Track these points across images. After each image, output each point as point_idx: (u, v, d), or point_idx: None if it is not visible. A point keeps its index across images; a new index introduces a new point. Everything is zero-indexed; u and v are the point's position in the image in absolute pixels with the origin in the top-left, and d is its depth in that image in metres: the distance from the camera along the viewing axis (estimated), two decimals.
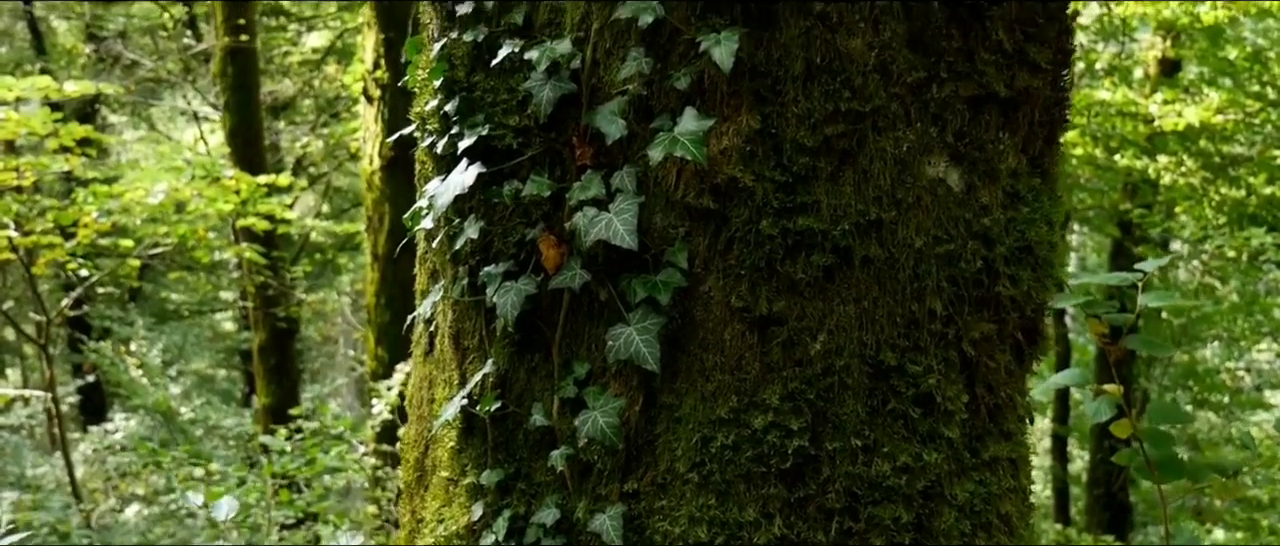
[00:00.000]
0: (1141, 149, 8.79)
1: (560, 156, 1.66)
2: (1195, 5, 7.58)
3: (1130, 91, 8.60)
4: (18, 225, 7.54)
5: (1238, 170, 8.85)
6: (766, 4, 1.54)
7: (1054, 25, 1.68)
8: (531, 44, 1.62)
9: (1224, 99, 8.11)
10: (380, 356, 7.89)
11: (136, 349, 9.90)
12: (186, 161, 8.25)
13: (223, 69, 9.17)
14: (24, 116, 7.56)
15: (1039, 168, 1.74)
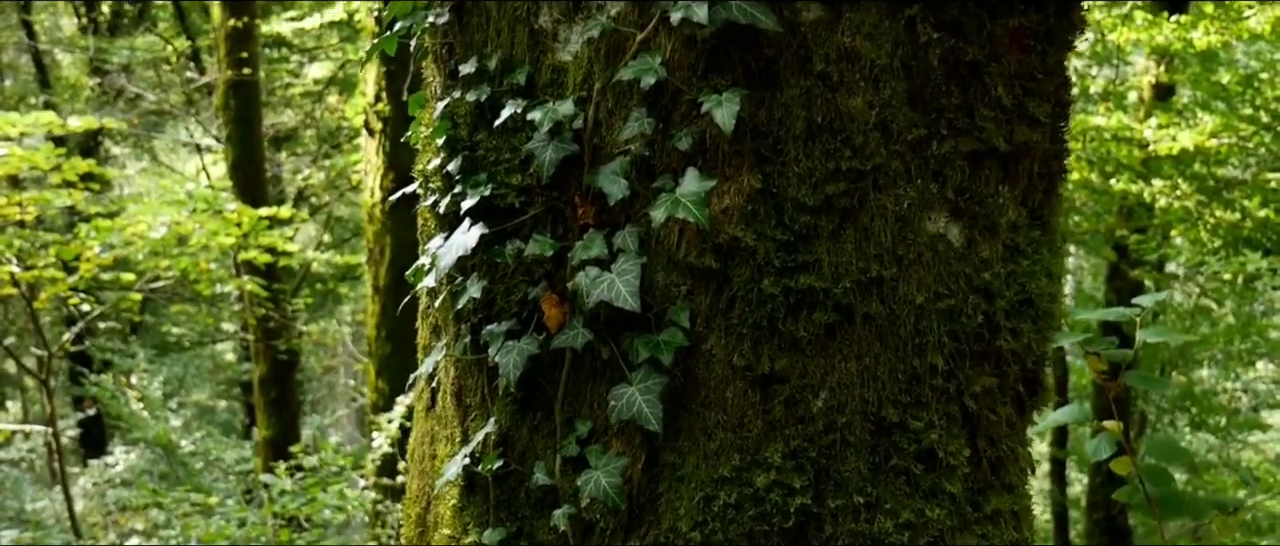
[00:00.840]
0: (1136, 173, 8.81)
1: (562, 215, 1.67)
2: (1188, 31, 7.61)
3: (1125, 116, 8.63)
4: (20, 260, 7.55)
5: (1232, 193, 8.87)
6: (767, 64, 1.56)
7: (1052, 79, 1.70)
8: (534, 104, 1.64)
9: (1218, 123, 8.14)
10: (381, 388, 7.89)
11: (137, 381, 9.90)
12: (188, 194, 8.26)
13: (225, 102, 9.21)
14: (27, 152, 7.59)
15: (1039, 219, 1.75)
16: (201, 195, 8.25)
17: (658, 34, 1.57)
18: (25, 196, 7.80)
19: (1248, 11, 7.33)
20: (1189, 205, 8.67)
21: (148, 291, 8.84)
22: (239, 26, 8.88)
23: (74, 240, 7.85)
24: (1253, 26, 7.42)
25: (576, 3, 1.61)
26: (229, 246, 7.96)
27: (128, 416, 9.40)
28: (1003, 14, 1.60)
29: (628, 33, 1.58)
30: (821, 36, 1.55)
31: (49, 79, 11.68)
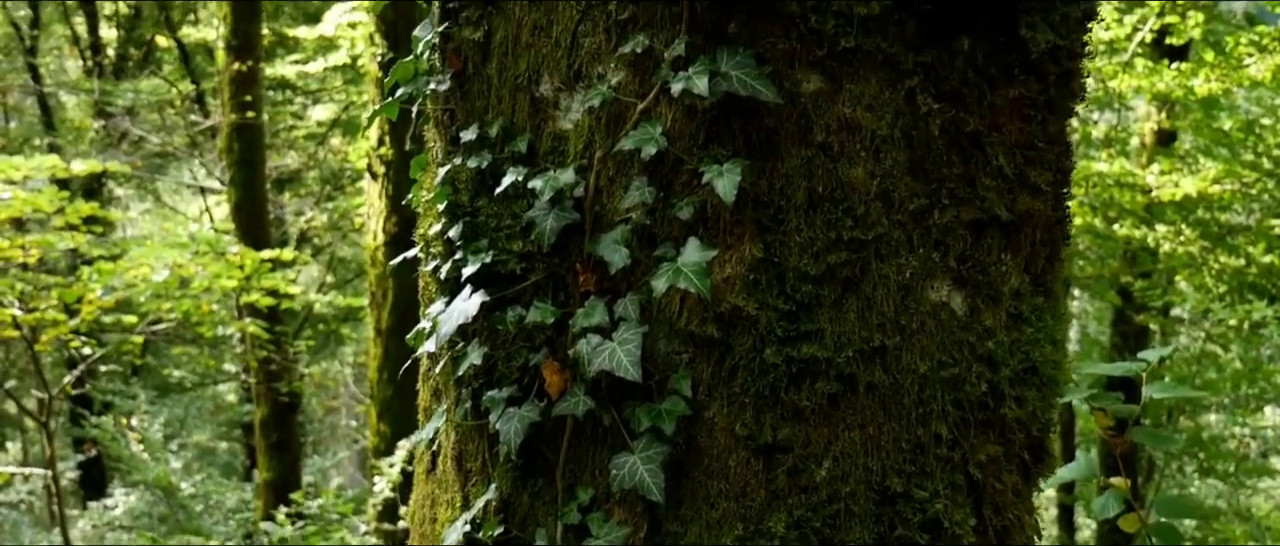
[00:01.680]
0: (1140, 218, 8.82)
1: (564, 281, 1.66)
2: (1188, 79, 7.65)
3: (1127, 162, 8.66)
4: (22, 302, 7.56)
5: (1236, 239, 8.88)
6: (768, 134, 1.56)
7: (1054, 147, 1.70)
8: (535, 172, 1.64)
9: (1220, 170, 8.16)
10: (382, 431, 7.86)
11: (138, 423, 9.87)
12: (191, 237, 8.28)
13: (229, 145, 9.26)
14: (31, 195, 7.62)
15: (1042, 286, 1.74)
16: (204, 238, 8.27)
17: (659, 103, 1.57)
18: (28, 239, 7.82)
19: (1248, 60, 7.37)
20: (1193, 251, 8.67)
21: (149, 333, 8.84)
22: (243, 70, 8.94)
23: (76, 283, 7.86)
24: (1253, 74, 7.45)
25: (577, 72, 1.62)
26: (231, 289, 7.97)
27: (128, 458, 9.36)
28: (1003, 84, 1.61)
29: (628, 102, 1.58)
30: (822, 107, 1.55)
31: (53, 121, 11.75)
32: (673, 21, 1.55)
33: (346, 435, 13.26)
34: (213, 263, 7.89)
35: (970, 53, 1.58)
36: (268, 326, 8.52)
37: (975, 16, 1.57)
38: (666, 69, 1.54)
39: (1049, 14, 1.61)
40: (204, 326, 8.41)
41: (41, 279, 7.92)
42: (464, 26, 1.69)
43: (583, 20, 1.60)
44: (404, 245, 7.89)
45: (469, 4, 1.68)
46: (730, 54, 1.52)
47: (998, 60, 1.61)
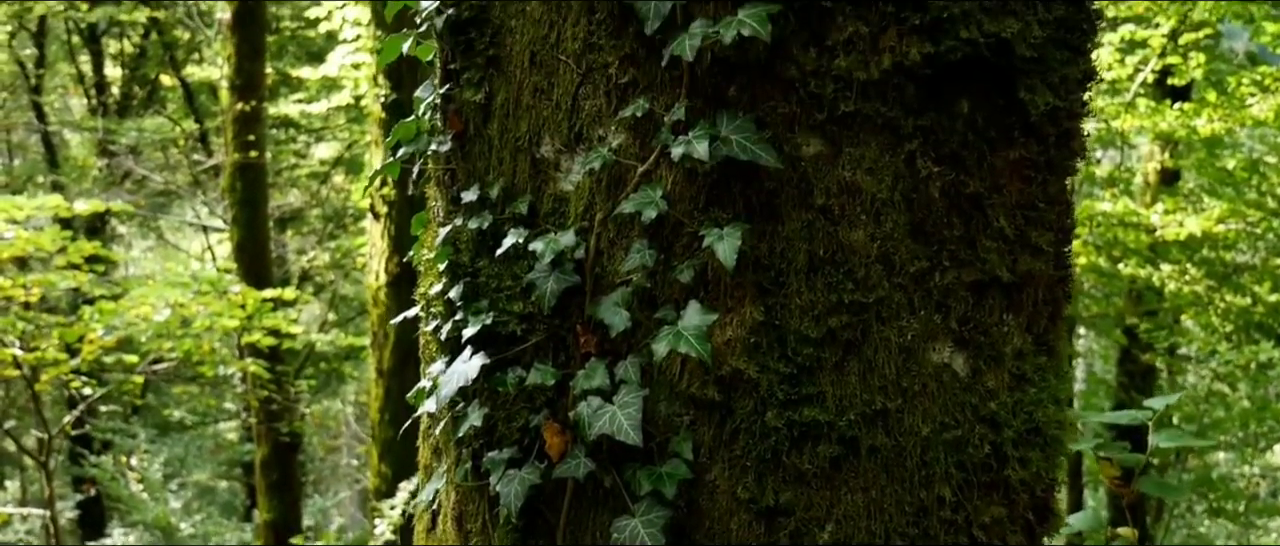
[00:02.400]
0: (1145, 258, 8.81)
1: (564, 342, 1.66)
2: (1191, 118, 7.66)
3: (1131, 201, 8.66)
4: (22, 342, 7.56)
5: (1242, 278, 8.86)
6: (768, 197, 1.56)
7: (1054, 207, 1.70)
8: (536, 234, 1.63)
9: (1225, 209, 8.15)
10: (383, 472, 7.83)
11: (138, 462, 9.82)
12: (193, 276, 8.29)
13: (232, 184, 9.29)
14: (33, 235, 7.64)
15: (1045, 345, 1.73)
16: (206, 277, 8.28)
17: (659, 166, 1.57)
18: (30, 278, 7.83)
19: (1250, 99, 7.39)
20: (1198, 290, 8.65)
21: (150, 373, 8.83)
22: (247, 110, 8.99)
23: (77, 322, 7.86)
24: (1256, 114, 7.47)
25: (578, 134, 1.62)
26: (232, 329, 7.97)
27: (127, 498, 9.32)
28: (1003, 146, 1.61)
29: (629, 165, 1.58)
30: (822, 170, 1.55)
31: (57, 159, 11.81)
32: (673, 85, 1.55)
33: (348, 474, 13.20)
34: (214, 302, 7.90)
35: (970, 115, 1.59)
36: (269, 366, 8.51)
37: (974, 80, 1.58)
38: (667, 132, 1.54)
39: (1048, 76, 1.62)
40: (205, 366, 8.40)
41: (43, 318, 7.93)
42: (465, 88, 1.70)
43: (583, 83, 1.61)
44: (406, 285, 7.89)
45: (470, 66, 1.69)
46: (730, 118, 1.52)
47: (997, 122, 1.61)
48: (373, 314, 7.78)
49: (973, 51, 1.54)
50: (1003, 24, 1.55)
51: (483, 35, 1.68)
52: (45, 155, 11.84)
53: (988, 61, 1.56)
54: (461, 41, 1.69)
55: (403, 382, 7.35)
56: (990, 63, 1.56)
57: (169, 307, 7.69)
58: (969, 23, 1.53)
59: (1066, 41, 1.63)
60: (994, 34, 1.55)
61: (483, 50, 1.67)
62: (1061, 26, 1.62)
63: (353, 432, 12.50)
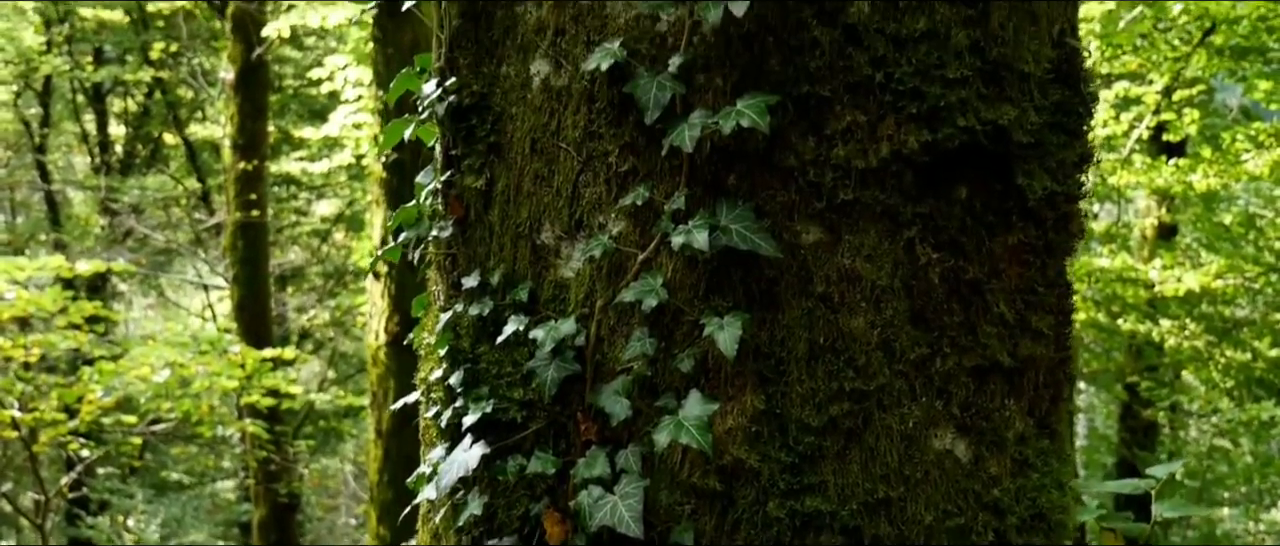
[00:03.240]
0: (1144, 313, 8.81)
1: (565, 429, 1.65)
2: (1187, 174, 7.70)
3: (1129, 257, 8.67)
4: (21, 403, 7.53)
5: (1242, 334, 8.85)
6: (768, 285, 1.56)
7: (1054, 290, 1.70)
8: (536, 321, 1.63)
9: (1223, 264, 8.17)
10: (381, 535, 7.75)
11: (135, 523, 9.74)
12: (193, 337, 8.28)
13: (233, 242, 9.32)
14: (35, 295, 7.64)
15: (1047, 428, 1.73)
16: (206, 337, 8.27)
17: (659, 254, 1.58)
18: (30, 339, 7.82)
19: (1245, 155, 7.43)
20: (1198, 345, 8.64)
21: (148, 434, 8.79)
22: (249, 169, 9.04)
23: (77, 383, 7.83)
24: (1251, 169, 7.50)
25: (578, 221, 1.62)
26: (232, 389, 7.94)
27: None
28: (1002, 231, 1.61)
29: (629, 252, 1.58)
30: (821, 258, 1.55)
31: (60, 217, 11.85)
32: (673, 174, 1.56)
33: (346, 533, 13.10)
34: (214, 362, 7.88)
35: (968, 201, 1.59)
36: (267, 426, 8.46)
37: (972, 166, 1.58)
38: (667, 221, 1.55)
39: (1045, 161, 1.63)
40: (204, 426, 8.35)
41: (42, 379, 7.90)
42: (466, 174, 1.71)
43: (583, 171, 1.61)
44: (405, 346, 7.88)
45: (472, 152, 1.70)
46: (730, 207, 1.53)
47: (996, 208, 1.61)
48: (372, 373, 7.75)
49: (970, 139, 1.55)
50: (1000, 111, 1.57)
51: (484, 122, 1.69)
52: (48, 213, 11.88)
53: (985, 148, 1.57)
54: (463, 128, 1.70)
55: (401, 444, 7.30)
56: (988, 149, 1.57)
57: (168, 368, 7.67)
58: (966, 111, 1.54)
59: (1063, 126, 1.64)
60: (991, 121, 1.56)
61: (484, 137, 1.69)
62: (1058, 111, 1.64)
63: (351, 492, 12.41)
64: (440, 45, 1.73)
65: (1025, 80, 1.59)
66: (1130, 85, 7.60)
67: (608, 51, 1.54)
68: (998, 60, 1.56)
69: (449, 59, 1.72)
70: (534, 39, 1.64)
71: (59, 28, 10.92)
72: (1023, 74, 1.58)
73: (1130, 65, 7.42)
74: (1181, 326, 8.80)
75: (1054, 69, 1.63)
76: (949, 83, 1.53)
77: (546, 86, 1.63)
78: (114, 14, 10.90)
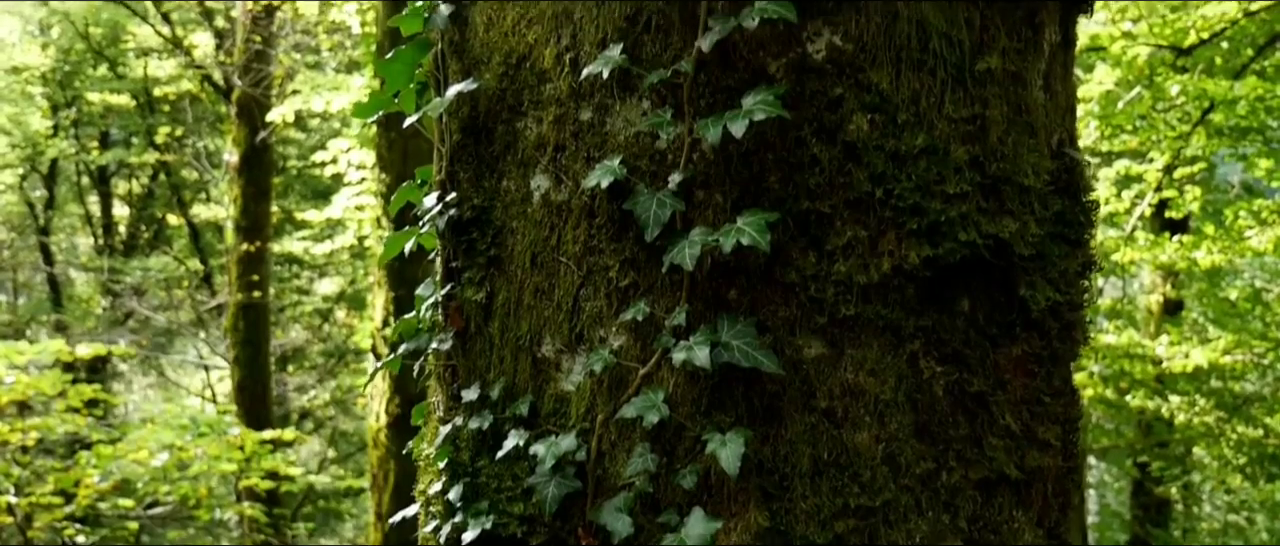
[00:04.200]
0: (1152, 389, 8.75)
1: (566, 545, 1.62)
2: (1191, 250, 7.70)
3: (1135, 333, 8.65)
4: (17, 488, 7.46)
5: (1253, 409, 8.78)
6: (771, 401, 1.54)
7: (1060, 399, 1.68)
8: (537, 436, 1.61)
9: (1230, 340, 8.13)
10: None
11: None
12: (192, 420, 8.23)
13: (234, 323, 9.31)
14: (34, 379, 7.63)
15: (1057, 538, 1.70)
16: (206, 420, 8.22)
17: (660, 369, 1.56)
18: (28, 423, 7.79)
19: (1248, 232, 7.44)
20: (1209, 421, 8.58)
21: (145, 518, 8.69)
22: (251, 251, 9.07)
23: (74, 467, 7.78)
24: (1255, 246, 7.51)
25: (579, 335, 1.61)
26: (230, 472, 7.87)
27: None
28: (1006, 343, 1.60)
29: (630, 367, 1.57)
30: (824, 373, 1.54)
31: (61, 298, 11.87)
32: (673, 289, 1.55)
33: None
34: (213, 445, 7.82)
35: (971, 314, 1.58)
36: (266, 509, 8.37)
37: (974, 279, 1.58)
38: (668, 336, 1.54)
39: (1048, 271, 1.62)
40: (202, 509, 8.27)
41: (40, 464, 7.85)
42: (467, 287, 1.70)
43: (584, 285, 1.61)
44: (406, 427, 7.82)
45: (472, 265, 1.70)
46: (731, 322, 1.52)
47: (999, 320, 1.60)
48: (373, 455, 7.69)
49: (972, 253, 1.55)
50: (1001, 225, 1.56)
51: (484, 235, 1.69)
52: (50, 294, 11.90)
53: (988, 261, 1.57)
54: (463, 241, 1.70)
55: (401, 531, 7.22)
56: (990, 262, 1.57)
57: (167, 451, 7.62)
58: (967, 225, 1.54)
59: (1065, 236, 1.64)
60: (992, 235, 1.55)
61: (484, 250, 1.68)
62: (1059, 221, 1.63)
63: None
64: (441, 158, 1.74)
65: (1025, 193, 1.59)
66: (1131, 163, 7.65)
67: (608, 168, 1.54)
68: (997, 175, 1.56)
69: (450, 172, 1.72)
70: (534, 154, 1.64)
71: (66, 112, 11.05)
72: (1023, 187, 1.58)
73: (1130, 144, 7.47)
74: (1191, 402, 8.74)
75: (1054, 180, 1.64)
76: (949, 198, 1.53)
77: (547, 201, 1.63)
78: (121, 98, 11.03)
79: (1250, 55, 7.28)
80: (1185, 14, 6.70)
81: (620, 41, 1.57)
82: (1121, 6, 7.03)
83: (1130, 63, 6.59)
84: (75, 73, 11.40)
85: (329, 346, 11.91)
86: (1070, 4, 1.74)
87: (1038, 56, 1.66)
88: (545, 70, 1.64)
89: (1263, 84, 6.34)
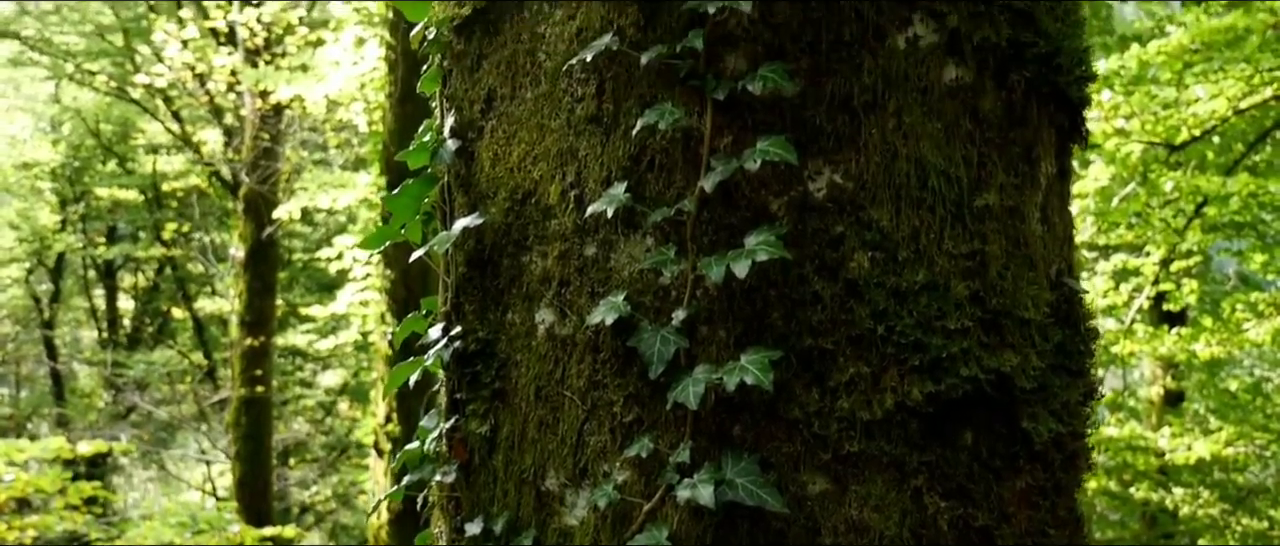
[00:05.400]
0: (1156, 481, 8.68)
1: None
2: (1190, 342, 7.71)
3: (1137, 425, 8.60)
4: None
5: (1257, 501, 8.70)
6: (775, 537, 1.54)
7: (1065, 529, 1.68)
8: None
9: (1232, 432, 8.09)
10: None
11: None
12: (192, 516, 8.16)
13: (237, 418, 9.28)
14: (34, 477, 7.58)
15: None
16: (206, 517, 8.15)
17: (665, 504, 1.56)
18: (26, 521, 7.72)
19: (1246, 325, 7.45)
20: (1213, 513, 8.49)
21: None
22: (255, 345, 9.08)
23: None
24: (1253, 338, 7.52)
25: (583, 469, 1.62)
26: None
27: None
28: (1009, 476, 1.60)
29: (634, 503, 1.57)
30: (829, 509, 1.54)
31: (64, 392, 11.84)
32: (678, 425, 1.56)
33: None
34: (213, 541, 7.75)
35: (974, 448, 1.59)
36: None
37: (977, 412, 1.59)
38: (672, 472, 1.54)
39: (1050, 403, 1.63)
40: None
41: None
42: (471, 419, 1.71)
43: (588, 419, 1.62)
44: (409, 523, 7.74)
45: (476, 397, 1.71)
46: (735, 459, 1.52)
47: (1002, 453, 1.61)
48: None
49: (974, 388, 1.56)
50: (1002, 359, 1.58)
51: (489, 368, 1.70)
52: (52, 388, 11.88)
53: (990, 395, 1.58)
54: (468, 374, 1.71)
55: None
56: (992, 397, 1.58)
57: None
58: (969, 360, 1.56)
59: (1066, 367, 1.66)
60: (994, 369, 1.57)
61: (489, 383, 1.70)
62: (1060, 352, 1.65)
63: None
64: (447, 290, 1.76)
65: (1026, 326, 1.61)
66: (1128, 257, 7.69)
67: (612, 305, 1.57)
68: (998, 309, 1.58)
69: (455, 304, 1.75)
70: (539, 288, 1.67)
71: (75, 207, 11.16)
72: (1023, 320, 1.60)
73: (1127, 237, 7.52)
74: (1195, 494, 8.67)
75: (1053, 311, 1.66)
76: (950, 333, 1.55)
77: (551, 335, 1.65)
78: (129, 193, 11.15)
79: (1242, 151, 7.38)
80: (1176, 111, 6.80)
81: (624, 179, 1.61)
82: (1114, 104, 7.14)
83: (1124, 159, 6.68)
84: (85, 168, 11.55)
85: (331, 440, 11.84)
86: (1065, 136, 1.79)
87: (1035, 189, 1.70)
88: (550, 206, 1.67)
89: (1254, 180, 6.42)
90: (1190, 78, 6.72)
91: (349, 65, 8.32)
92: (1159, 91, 6.85)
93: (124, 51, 11.42)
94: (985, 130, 1.64)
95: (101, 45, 11.44)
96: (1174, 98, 6.80)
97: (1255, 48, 6.41)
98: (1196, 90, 6.67)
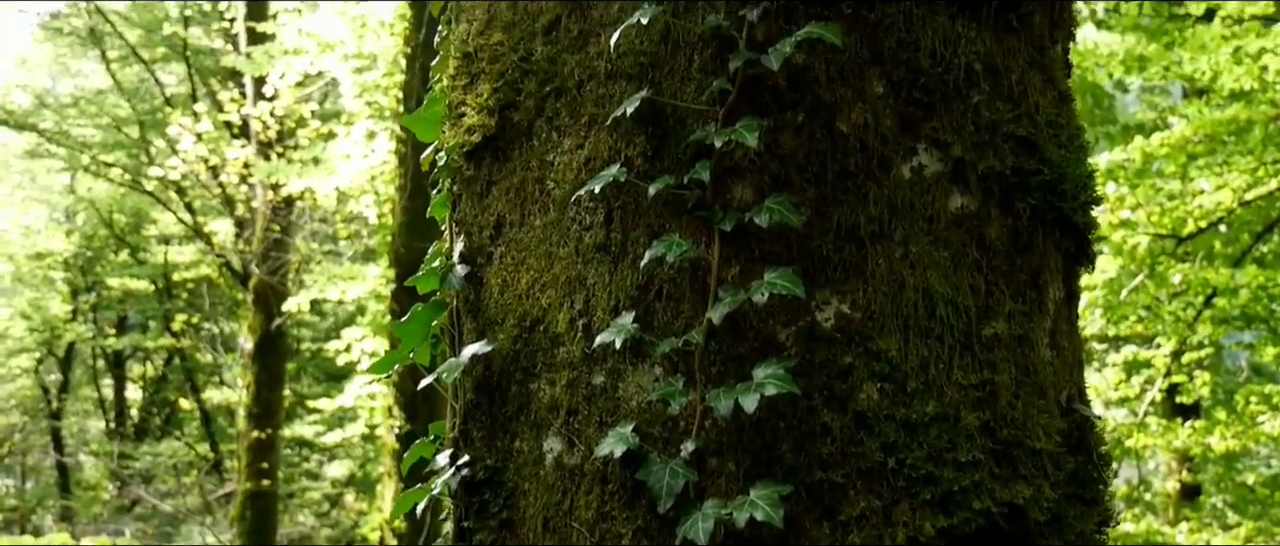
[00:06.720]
0: None
1: None
2: (1204, 436, 7.62)
3: (1154, 519, 8.47)
4: None
5: None
6: None
7: None
8: None
9: (1252, 527, 7.96)
10: None
11: None
12: None
13: (242, 513, 9.19)
14: None
15: None
16: None
17: None
18: None
19: (1261, 418, 7.38)
20: None
21: None
22: (262, 438, 9.04)
23: None
24: (1268, 431, 7.43)
25: None
26: None
27: None
28: None
29: None
30: None
31: (69, 483, 11.77)
32: None
33: None
34: None
35: None
36: None
37: (991, 544, 1.56)
38: None
39: (1064, 533, 1.61)
40: None
41: None
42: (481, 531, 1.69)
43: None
44: None
45: (483, 527, 1.69)
46: None
47: None
48: None
49: (987, 521, 1.54)
50: (1014, 491, 1.56)
51: (497, 497, 1.69)
52: (58, 479, 11.82)
53: (1003, 529, 1.56)
54: (475, 502, 1.70)
55: None
56: (1006, 529, 1.56)
57: None
58: (981, 493, 1.54)
59: (1080, 496, 1.64)
60: (1007, 502, 1.55)
61: (496, 513, 1.68)
62: (1073, 481, 1.63)
63: None
64: (454, 415, 1.75)
65: (1037, 456, 1.59)
66: (1139, 349, 7.65)
67: (620, 436, 1.56)
68: (1009, 440, 1.57)
69: (463, 431, 1.74)
70: (547, 417, 1.66)
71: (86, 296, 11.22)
72: (1035, 450, 1.59)
73: (1136, 329, 7.49)
74: None
75: (1065, 439, 1.64)
76: (961, 466, 1.53)
77: (559, 464, 1.64)
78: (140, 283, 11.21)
79: (1249, 241, 7.39)
80: (1182, 203, 6.83)
81: (632, 309, 1.61)
82: (1119, 195, 7.18)
83: (1131, 252, 6.69)
84: (97, 258, 11.63)
85: (336, 533, 11.71)
86: (1072, 260, 1.79)
87: (1043, 316, 1.70)
88: (559, 334, 1.67)
89: (1263, 272, 6.41)
90: (1194, 169, 6.76)
91: (360, 158, 8.43)
92: (1164, 183, 6.89)
93: (139, 143, 11.60)
94: (992, 258, 1.64)
95: (117, 137, 11.63)
96: (1179, 189, 6.84)
97: (1259, 140, 6.46)
98: (1201, 182, 6.71)
